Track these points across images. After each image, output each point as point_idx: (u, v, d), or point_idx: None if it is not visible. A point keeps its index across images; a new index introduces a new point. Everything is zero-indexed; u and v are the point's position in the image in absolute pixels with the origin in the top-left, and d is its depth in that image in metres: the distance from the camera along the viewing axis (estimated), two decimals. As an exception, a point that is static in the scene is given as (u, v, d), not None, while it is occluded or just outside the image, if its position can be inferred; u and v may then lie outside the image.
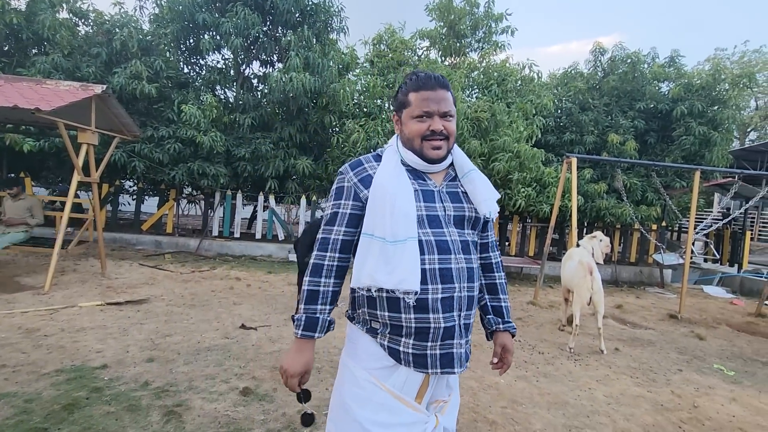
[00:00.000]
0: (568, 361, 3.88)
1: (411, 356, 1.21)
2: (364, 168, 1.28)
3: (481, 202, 1.30)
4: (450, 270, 1.21)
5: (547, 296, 6.72)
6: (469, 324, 1.27)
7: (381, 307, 1.23)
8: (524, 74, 9.27)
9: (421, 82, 1.26)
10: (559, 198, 6.39)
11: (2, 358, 2.98)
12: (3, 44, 8.19)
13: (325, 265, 1.25)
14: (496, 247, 1.48)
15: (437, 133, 1.24)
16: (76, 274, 5.57)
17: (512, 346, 1.46)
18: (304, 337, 1.24)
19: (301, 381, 1.25)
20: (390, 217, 1.17)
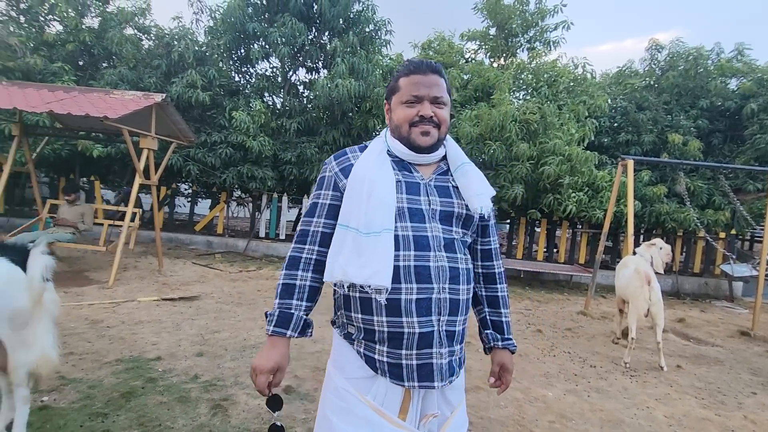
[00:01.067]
0: (624, 377, 3.62)
1: (386, 365, 1.10)
2: (348, 158, 1.21)
3: (473, 197, 1.17)
4: (427, 268, 1.09)
5: (599, 306, 6.35)
6: (454, 332, 1.13)
7: (355, 309, 1.14)
8: (576, 74, 8.86)
9: (413, 67, 1.19)
10: (613, 203, 6.02)
11: (71, 346, 3.23)
12: (78, 59, 9.00)
13: (303, 258, 1.18)
14: (498, 255, 1.34)
15: (426, 118, 1.15)
16: (136, 271, 5.96)
17: (512, 365, 1.33)
18: (275, 334, 1.14)
19: (272, 383, 1.14)
20: (365, 206, 1.09)
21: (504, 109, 7.08)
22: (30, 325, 1.95)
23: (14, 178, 8.99)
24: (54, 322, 2.12)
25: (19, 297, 1.90)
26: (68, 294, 4.56)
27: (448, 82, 1.23)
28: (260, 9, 8.60)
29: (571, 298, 6.92)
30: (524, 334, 4.60)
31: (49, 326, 2.06)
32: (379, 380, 1.12)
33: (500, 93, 7.47)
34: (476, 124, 7.47)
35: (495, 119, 7.08)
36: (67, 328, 3.60)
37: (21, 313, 1.91)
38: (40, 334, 1.99)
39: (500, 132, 7.24)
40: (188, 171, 7.93)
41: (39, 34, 8.74)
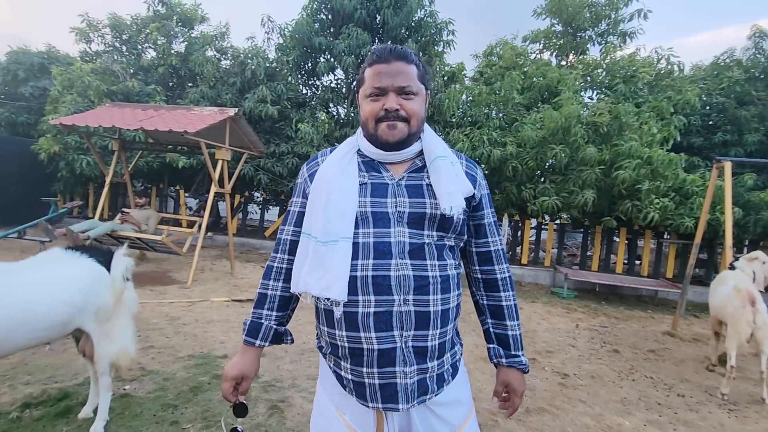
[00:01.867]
0: (719, 410, 3.14)
1: (352, 383, 1.03)
2: (317, 162, 1.15)
3: (443, 195, 1.03)
4: (387, 278, 0.98)
5: (690, 327, 5.62)
6: (425, 347, 1.01)
7: (321, 321, 1.09)
8: (660, 68, 8.04)
9: (376, 55, 1.06)
10: (706, 210, 5.32)
11: (152, 340, 3.54)
12: (168, 81, 10.05)
13: (275, 268, 1.16)
14: (503, 258, 1.18)
15: (391, 111, 1.03)
16: (211, 273, 6.43)
17: (521, 385, 1.16)
18: (246, 343, 1.13)
19: (238, 390, 1.13)
20: (323, 214, 1.03)
21: (567, 110, 6.60)
22: (112, 320, 2.16)
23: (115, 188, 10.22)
24: (133, 318, 2.32)
25: (104, 294, 2.11)
26: (153, 292, 5.04)
27: (423, 68, 1.09)
28: (326, 23, 8.97)
29: (656, 316, 6.21)
30: (598, 354, 4.20)
31: (128, 322, 2.26)
32: (351, 398, 1.05)
33: (565, 94, 6.99)
34: (540, 127, 7.06)
35: (558, 122, 6.63)
36: (150, 323, 3.96)
37: (105, 308, 2.11)
38: (121, 329, 2.19)
39: (564, 135, 6.76)
40: (259, 180, 8.43)
41: (137, 61, 9.92)
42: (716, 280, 4.10)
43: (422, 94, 1.09)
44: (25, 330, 1.82)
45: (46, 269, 1.99)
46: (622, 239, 8.06)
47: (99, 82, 8.62)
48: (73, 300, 1.97)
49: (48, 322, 1.89)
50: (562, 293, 6.84)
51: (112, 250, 2.28)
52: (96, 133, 7.07)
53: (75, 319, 2.01)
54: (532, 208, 7.22)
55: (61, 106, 8.41)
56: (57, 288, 1.94)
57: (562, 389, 3.26)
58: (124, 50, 10.35)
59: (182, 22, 10.08)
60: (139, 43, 10.36)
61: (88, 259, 2.11)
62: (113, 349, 2.14)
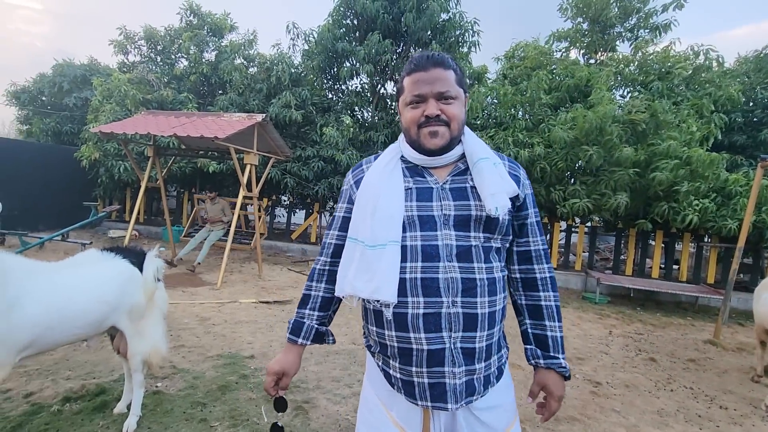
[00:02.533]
0: (764, 423, 2.94)
1: (401, 382, 1.06)
2: (362, 169, 1.19)
3: (487, 197, 1.04)
4: (435, 280, 1.01)
5: (733, 335, 5.31)
6: (473, 349, 1.02)
7: (370, 321, 1.12)
8: (698, 63, 7.66)
9: (414, 64, 1.09)
10: (750, 211, 5.01)
11: (183, 339, 3.65)
12: (199, 89, 10.40)
13: (317, 270, 1.21)
14: (544, 258, 1.17)
15: (432, 117, 1.06)
16: (240, 275, 6.59)
17: (559, 389, 1.13)
18: (289, 341, 1.19)
19: (279, 385, 1.18)
20: (371, 219, 1.06)
21: (602, 109, 6.37)
22: (144, 319, 2.24)
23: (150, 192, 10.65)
24: (164, 318, 2.40)
25: (136, 293, 2.19)
26: (185, 293, 5.20)
27: (460, 73, 1.11)
28: (351, 29, 9.06)
29: (696, 323, 5.90)
30: (633, 362, 4.03)
31: (159, 321, 2.34)
32: (399, 396, 1.08)
33: (597, 92, 6.75)
34: (571, 128, 6.85)
35: (591, 122, 6.41)
36: (182, 323, 4.08)
37: (138, 307, 2.20)
38: (152, 327, 2.27)
39: (598, 135, 6.52)
40: (285, 183, 8.59)
41: (170, 70, 10.33)
42: (761, 285, 3.85)
43: (461, 98, 1.11)
44: (64, 327, 1.91)
45: (84, 269, 2.08)
46: (658, 243, 7.71)
47: (135, 91, 9.03)
48: (108, 298, 2.06)
49: (85, 319, 1.98)
50: (594, 298, 6.60)
51: (144, 251, 2.37)
52: (132, 140, 7.39)
53: (110, 317, 2.10)
54: (562, 210, 7.01)
55: (101, 115, 8.85)
56: (93, 287, 2.03)
57: (594, 398, 3.14)
58: (158, 60, 10.80)
59: (213, 31, 10.43)
60: (173, 53, 10.79)
61: (121, 259, 2.20)
62: (145, 347, 2.22)
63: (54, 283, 1.91)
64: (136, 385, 2.28)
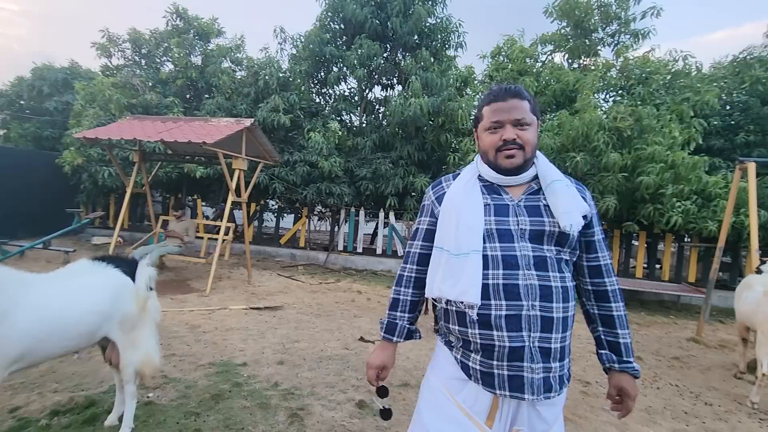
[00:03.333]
0: (749, 420, 3.03)
1: (479, 373, 1.18)
2: (442, 186, 1.34)
3: (562, 215, 1.18)
4: (516, 286, 1.14)
5: (715, 333, 5.46)
6: (549, 349, 1.14)
7: (453, 321, 1.24)
8: (676, 68, 7.89)
9: (493, 95, 1.26)
10: (729, 212, 5.18)
11: (173, 348, 3.60)
12: (185, 93, 10.28)
13: (405, 276, 1.37)
14: (612, 272, 1.31)
15: (509, 141, 1.21)
16: (229, 281, 6.52)
17: (633, 389, 1.25)
18: (385, 339, 1.36)
19: (379, 376, 1.34)
20: (455, 231, 1.20)
21: (588, 116, 6.51)
22: (137, 329, 2.20)
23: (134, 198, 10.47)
24: (156, 327, 2.37)
25: (129, 303, 2.16)
26: (173, 300, 5.12)
27: (534, 102, 1.25)
28: (338, 33, 9.08)
29: (679, 321, 6.06)
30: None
31: (152, 330, 2.31)
32: (471, 385, 1.20)
33: (583, 99, 6.89)
34: (557, 133, 6.97)
35: (577, 129, 6.54)
36: (171, 331, 4.02)
37: (130, 317, 2.17)
38: (145, 337, 2.24)
39: (585, 142, 6.66)
40: (274, 188, 8.53)
41: (155, 74, 10.19)
42: (742, 284, 3.98)
43: (534, 125, 1.25)
44: (58, 338, 1.87)
45: (76, 280, 2.05)
46: (641, 243, 7.90)
47: (120, 95, 8.88)
48: (101, 309, 2.03)
49: (78, 330, 1.94)
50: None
51: (136, 260, 2.34)
52: (117, 145, 7.27)
53: (102, 328, 2.06)
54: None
55: (84, 120, 8.68)
56: (86, 298, 2.00)
57: (584, 397, 3.20)
58: (143, 64, 10.65)
59: (199, 35, 10.33)
60: (158, 57, 10.65)
61: (113, 269, 2.17)
62: (138, 357, 2.19)
63: (46, 295, 1.87)
64: (128, 396, 2.24)
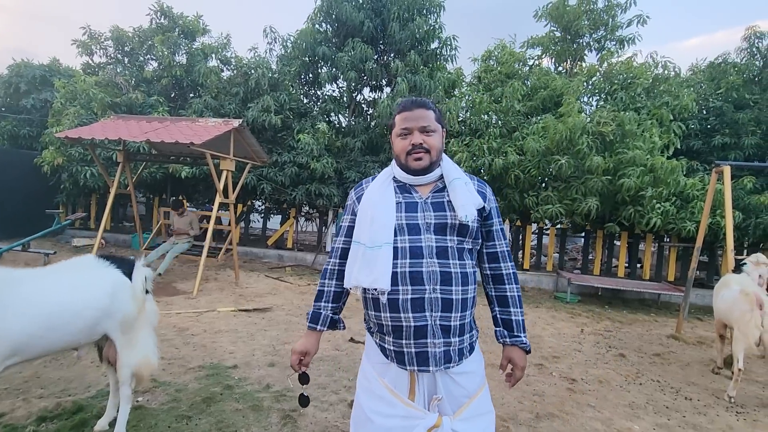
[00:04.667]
0: (727, 413, 3.16)
1: (393, 353, 1.34)
2: (363, 188, 1.49)
3: (459, 207, 1.34)
4: (420, 273, 1.30)
5: (694, 330, 5.65)
6: (449, 326, 1.31)
7: (369, 307, 1.39)
8: (657, 74, 8.13)
9: (402, 106, 1.43)
10: (706, 214, 5.37)
11: (162, 351, 3.52)
12: (170, 92, 10.12)
13: (329, 269, 1.50)
14: (508, 258, 1.49)
15: (417, 146, 1.37)
16: (216, 283, 6.45)
17: (522, 361, 1.45)
18: (309, 328, 1.48)
19: (302, 362, 1.46)
20: (369, 226, 1.35)
21: (572, 121, 6.66)
22: (135, 330, 2.20)
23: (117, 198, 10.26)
24: (154, 330, 2.35)
25: (128, 302, 2.17)
26: (159, 303, 5.01)
27: (438, 113, 1.43)
28: (330, 34, 9.07)
29: (659, 319, 6.24)
30: (605, 358, 4.23)
31: (150, 332, 2.30)
32: (391, 366, 1.35)
33: (567, 104, 7.04)
34: (543, 137, 7.11)
35: (562, 133, 6.69)
36: (159, 334, 3.91)
37: (129, 317, 2.17)
38: (143, 339, 2.23)
39: (569, 145, 6.81)
40: (262, 189, 8.47)
41: (139, 72, 10.00)
42: (720, 283, 4.14)
43: (439, 131, 1.43)
44: (56, 334, 1.87)
45: (76, 274, 2.05)
46: (623, 243, 8.10)
47: (103, 94, 8.69)
48: (101, 305, 2.04)
49: (77, 325, 1.95)
50: (565, 298, 6.86)
51: (133, 261, 2.32)
52: (101, 145, 7.12)
53: (101, 323, 2.07)
54: (536, 215, 7.26)
55: (65, 119, 8.47)
56: (86, 292, 2.01)
57: (570, 394, 3.28)
58: (126, 62, 10.44)
59: (184, 34, 10.18)
60: (141, 55, 10.45)
61: (114, 268, 2.18)
62: (136, 359, 2.18)
63: (40, 290, 1.86)
64: (123, 399, 2.22)
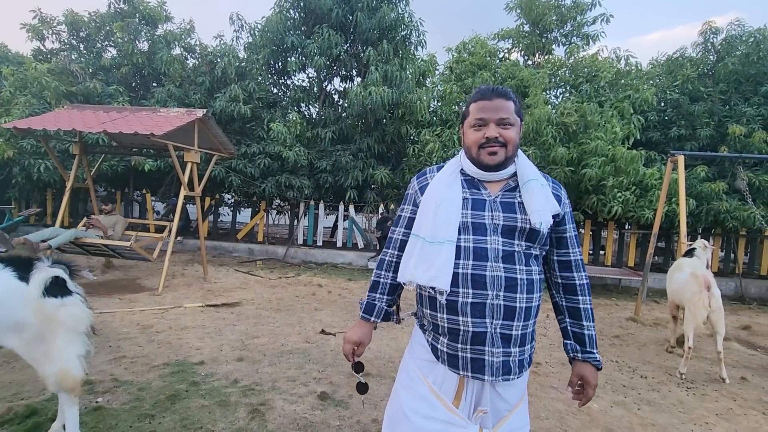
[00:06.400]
0: (679, 389, 3.36)
1: (446, 355, 1.28)
2: (426, 178, 1.40)
3: (533, 213, 1.24)
4: (483, 276, 1.21)
5: (651, 312, 5.95)
6: (510, 335, 1.22)
7: (425, 305, 1.33)
8: (619, 68, 8.41)
9: (480, 94, 1.31)
10: (662, 202, 5.64)
11: (124, 350, 3.44)
12: (131, 81, 9.67)
13: (386, 261, 1.43)
14: (582, 267, 1.38)
15: (492, 139, 1.26)
16: (183, 278, 6.28)
17: (594, 379, 1.34)
18: (363, 318, 1.43)
19: (355, 352, 1.41)
20: (432, 220, 1.27)
21: (538, 112, 6.83)
22: (47, 340, 1.99)
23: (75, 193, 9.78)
24: (79, 336, 2.11)
25: (20, 309, 1.92)
26: (122, 300, 4.88)
27: (518, 104, 1.31)
28: (298, 22, 8.87)
29: (620, 303, 6.54)
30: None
31: (70, 341, 2.05)
32: (439, 366, 1.29)
33: (534, 96, 7.20)
34: None
35: (528, 124, 6.85)
36: (121, 332, 3.84)
37: (25, 326, 1.93)
38: (60, 349, 2.01)
39: (535, 136, 6.98)
40: (230, 182, 8.27)
41: (97, 60, 9.49)
42: (673, 267, 4.37)
43: (517, 125, 1.30)
44: None
45: None
46: (587, 231, 8.41)
47: (57, 83, 8.21)
48: None
49: None
50: (533, 285, 7.06)
51: (33, 260, 2.07)
52: (56, 137, 6.75)
53: None
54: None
55: (14, 109, 7.96)
56: None
57: (534, 377, 3.40)
58: (81, 49, 9.88)
59: (146, 20, 9.72)
60: (99, 42, 9.91)
61: (2, 270, 1.92)
62: (54, 370, 1.99)
63: None
64: (65, 404, 2.08)
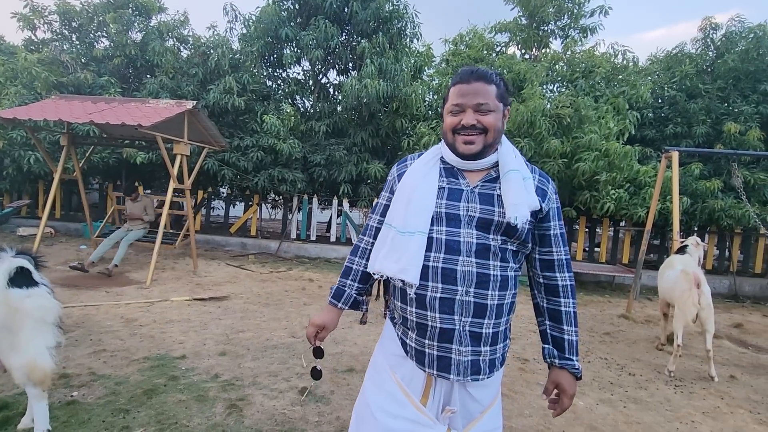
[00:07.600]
0: (666, 387, 3.32)
1: (414, 350, 1.22)
2: (406, 165, 1.34)
3: (509, 206, 1.15)
4: (454, 271, 1.15)
5: (643, 309, 5.92)
6: (480, 333, 1.16)
7: (396, 297, 1.28)
8: (616, 63, 8.33)
9: (459, 77, 1.22)
10: (656, 199, 5.59)
11: (104, 344, 3.39)
12: (123, 72, 9.56)
13: (361, 248, 1.40)
14: (566, 267, 1.27)
15: (468, 126, 1.17)
16: (173, 272, 6.22)
17: (571, 387, 1.25)
18: (330, 303, 1.39)
19: (318, 336, 1.37)
20: (405, 209, 1.21)
21: (533, 104, 6.77)
22: (12, 332, 1.97)
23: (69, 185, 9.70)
24: (48, 328, 2.10)
25: None
26: (109, 293, 4.82)
27: (502, 86, 1.21)
28: (293, 13, 8.76)
29: (613, 300, 6.51)
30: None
31: (37, 332, 2.04)
32: (408, 362, 1.24)
33: (530, 88, 7.14)
34: None
35: (523, 115, 6.79)
36: (104, 326, 3.79)
37: None
38: (27, 341, 1.99)
39: (529, 128, 6.92)
40: (223, 175, 8.19)
41: (88, 51, 9.37)
42: (664, 264, 4.33)
43: (500, 110, 1.21)
44: None
45: None
46: (581, 228, 8.37)
47: (47, 73, 8.10)
48: None
49: None
50: (525, 281, 7.03)
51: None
52: (45, 128, 6.66)
53: None
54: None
55: (4, 99, 7.87)
56: None
57: (521, 374, 3.36)
58: (73, 39, 9.76)
59: (139, 11, 9.59)
60: (91, 32, 9.79)
61: None
62: (21, 362, 1.97)
63: None
64: (33, 398, 2.04)
